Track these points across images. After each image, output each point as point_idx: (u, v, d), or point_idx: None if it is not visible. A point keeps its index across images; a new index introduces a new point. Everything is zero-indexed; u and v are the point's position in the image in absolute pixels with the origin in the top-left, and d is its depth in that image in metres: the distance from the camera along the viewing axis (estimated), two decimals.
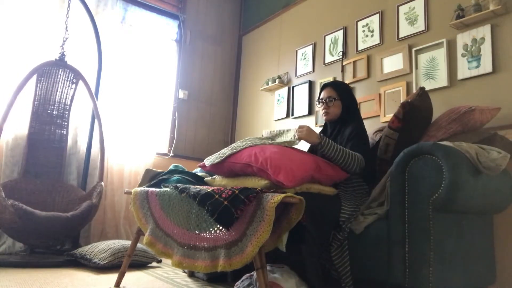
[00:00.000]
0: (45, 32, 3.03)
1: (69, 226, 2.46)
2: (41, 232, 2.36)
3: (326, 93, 2.12)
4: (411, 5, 2.58)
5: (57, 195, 2.80)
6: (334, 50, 3.12)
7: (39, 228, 2.33)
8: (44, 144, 2.84)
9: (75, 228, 2.56)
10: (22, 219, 2.26)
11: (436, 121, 1.96)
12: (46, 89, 2.89)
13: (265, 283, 1.40)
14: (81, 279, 2.03)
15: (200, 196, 1.51)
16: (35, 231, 2.34)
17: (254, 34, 4.17)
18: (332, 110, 2.09)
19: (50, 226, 2.36)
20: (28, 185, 2.71)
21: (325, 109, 2.10)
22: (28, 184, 2.71)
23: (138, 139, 3.43)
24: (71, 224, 2.47)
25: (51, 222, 2.36)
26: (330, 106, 2.08)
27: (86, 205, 2.58)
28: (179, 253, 1.58)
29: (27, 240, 2.43)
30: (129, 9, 3.58)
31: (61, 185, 2.85)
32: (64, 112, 2.95)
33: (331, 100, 2.08)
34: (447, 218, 1.51)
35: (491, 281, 1.77)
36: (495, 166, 1.54)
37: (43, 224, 2.33)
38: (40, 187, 2.75)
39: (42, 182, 2.78)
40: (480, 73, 2.15)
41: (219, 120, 4.16)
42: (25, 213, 2.27)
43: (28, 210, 2.28)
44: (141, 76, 3.55)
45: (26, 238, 2.40)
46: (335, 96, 2.09)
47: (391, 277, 1.51)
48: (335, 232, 1.70)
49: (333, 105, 2.08)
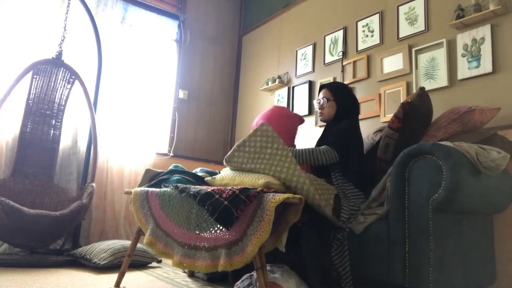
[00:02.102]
0: (44, 31, 3.03)
1: (57, 225, 2.38)
2: (28, 230, 2.29)
3: (322, 94, 2.16)
4: (411, 5, 2.58)
5: (46, 196, 2.74)
6: (334, 50, 3.12)
7: (26, 226, 2.25)
8: (36, 144, 2.78)
9: (64, 228, 2.48)
10: (9, 216, 2.19)
11: (436, 121, 1.96)
12: (41, 88, 2.84)
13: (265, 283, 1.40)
14: (81, 279, 2.03)
15: (200, 196, 1.51)
16: (21, 230, 2.26)
17: (254, 34, 4.17)
18: (326, 111, 2.11)
19: (37, 224, 2.28)
20: (16, 185, 2.65)
21: (320, 109, 2.13)
22: (17, 184, 2.65)
23: (138, 139, 3.42)
24: (59, 223, 2.39)
25: (39, 220, 2.28)
26: (325, 107, 2.11)
27: (76, 205, 2.52)
28: (180, 253, 1.58)
29: (13, 239, 2.34)
30: (129, 9, 3.58)
31: (51, 186, 2.79)
32: (58, 113, 2.90)
33: (325, 100, 2.11)
34: (447, 218, 1.51)
35: (491, 281, 1.77)
36: (495, 166, 1.54)
37: (31, 222, 2.25)
38: (29, 188, 2.70)
39: (32, 182, 2.72)
40: (480, 73, 2.15)
41: (219, 120, 4.16)
42: (12, 210, 2.19)
43: (15, 206, 2.21)
44: (141, 76, 3.55)
45: (13, 237, 2.32)
46: (329, 97, 2.11)
47: (391, 277, 1.51)
48: (335, 232, 1.71)
49: (327, 105, 2.10)
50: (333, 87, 2.15)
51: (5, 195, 2.52)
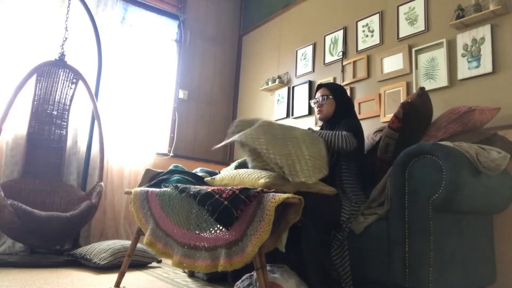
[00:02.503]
0: (45, 32, 3.03)
1: (69, 226, 2.45)
2: (40, 232, 2.35)
3: (320, 92, 2.16)
4: (411, 5, 2.58)
5: (56, 195, 2.80)
6: (334, 50, 3.12)
7: (38, 228, 2.32)
8: (43, 144, 2.84)
9: (75, 228, 2.55)
10: (21, 219, 2.26)
11: (436, 121, 1.96)
12: (46, 89, 2.88)
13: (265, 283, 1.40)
14: (81, 279, 2.03)
15: (200, 196, 1.51)
16: (34, 231, 2.33)
17: (254, 34, 4.17)
18: (325, 108, 2.10)
19: (49, 226, 2.35)
20: (27, 185, 2.70)
21: (318, 107, 2.12)
22: (27, 184, 2.71)
23: (138, 139, 3.42)
24: (71, 224, 2.46)
25: (50, 222, 2.35)
26: (323, 104, 2.11)
27: (85, 205, 2.57)
28: (179, 253, 1.58)
29: (26, 240, 2.42)
30: (129, 9, 3.58)
31: (60, 186, 2.84)
32: (64, 112, 2.95)
33: (324, 98, 2.10)
34: (447, 218, 1.51)
35: (491, 281, 1.77)
36: (495, 166, 1.54)
37: (42, 224, 2.32)
38: (39, 187, 2.75)
39: (41, 182, 2.77)
40: (480, 73, 2.15)
41: (219, 120, 4.16)
42: (24, 213, 2.26)
43: (27, 210, 2.28)
44: (141, 76, 3.55)
45: (25, 238, 2.39)
46: (328, 94, 2.11)
47: (391, 277, 1.51)
48: (335, 232, 1.71)
49: (326, 103, 2.10)
50: (331, 86, 2.16)
51: (16, 196, 2.56)
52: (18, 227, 2.29)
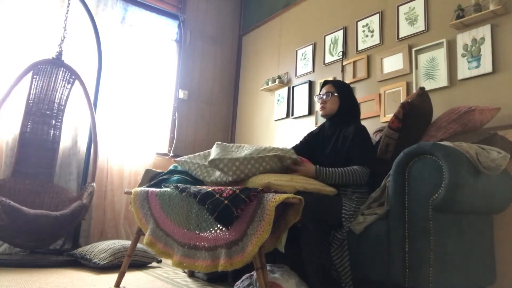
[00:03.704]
0: (45, 31, 3.03)
1: (58, 225, 2.39)
2: (28, 230, 2.29)
3: (325, 89, 2.11)
4: (411, 5, 2.58)
5: (46, 196, 2.74)
6: (334, 50, 3.12)
7: (27, 226, 2.26)
8: (36, 144, 2.78)
9: (64, 228, 2.48)
10: (10, 216, 2.20)
11: (436, 121, 1.96)
12: (41, 88, 2.84)
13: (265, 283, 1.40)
14: (81, 279, 2.03)
15: (201, 195, 1.51)
16: (22, 230, 2.27)
17: (254, 34, 4.17)
18: (328, 105, 2.06)
19: (37, 224, 2.29)
20: (17, 185, 2.65)
21: (322, 103, 2.09)
22: (17, 184, 2.66)
23: (138, 139, 3.42)
24: (60, 224, 2.40)
25: (39, 220, 2.29)
26: (327, 101, 2.06)
27: (76, 205, 2.53)
28: (180, 253, 1.59)
29: (14, 239, 2.35)
30: (129, 9, 3.58)
31: (51, 186, 2.79)
32: (59, 113, 2.90)
33: (328, 94, 2.07)
34: (447, 218, 1.51)
35: (491, 281, 1.77)
36: (495, 166, 1.54)
37: (31, 222, 2.26)
38: (29, 187, 2.69)
39: (32, 182, 2.71)
40: (480, 73, 2.15)
41: (219, 120, 4.16)
42: (12, 210, 2.21)
43: (16, 206, 2.23)
44: (141, 76, 3.55)
45: (13, 237, 2.33)
46: (333, 91, 2.07)
47: (391, 277, 1.51)
48: (335, 232, 1.71)
49: (330, 100, 2.06)
50: (337, 84, 2.13)
51: (6, 195, 2.51)
52: (6, 225, 2.23)
